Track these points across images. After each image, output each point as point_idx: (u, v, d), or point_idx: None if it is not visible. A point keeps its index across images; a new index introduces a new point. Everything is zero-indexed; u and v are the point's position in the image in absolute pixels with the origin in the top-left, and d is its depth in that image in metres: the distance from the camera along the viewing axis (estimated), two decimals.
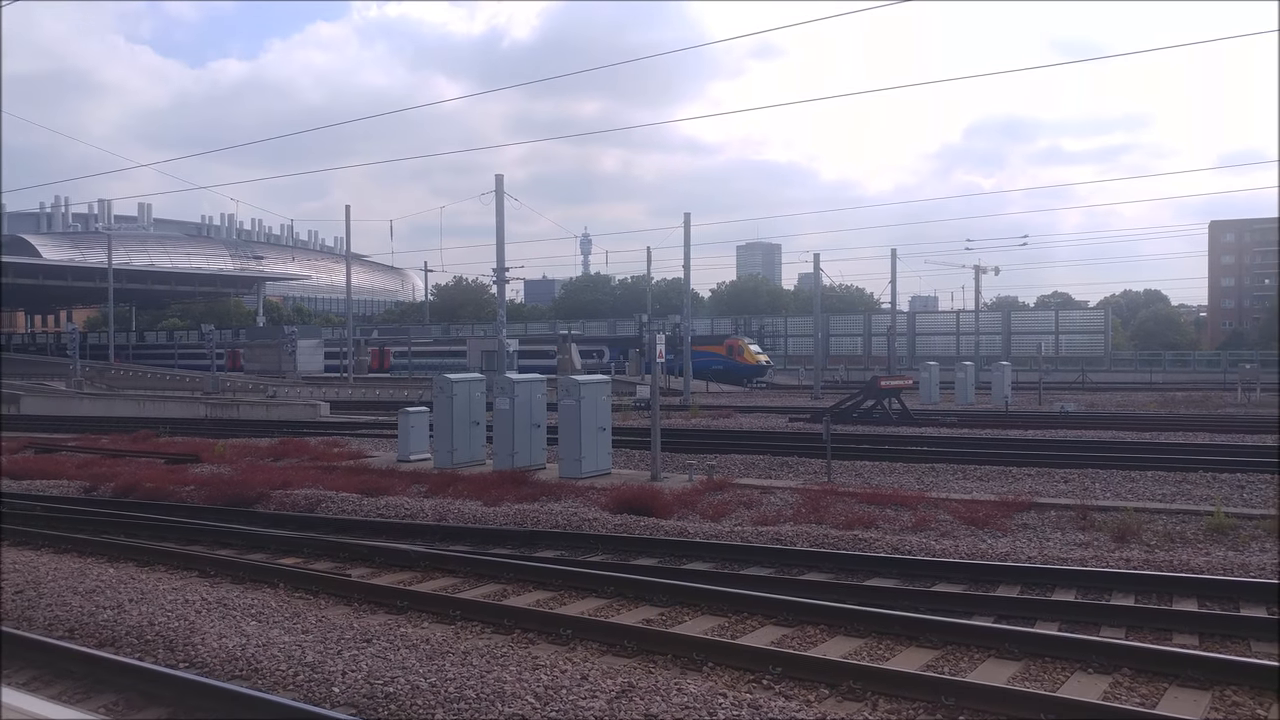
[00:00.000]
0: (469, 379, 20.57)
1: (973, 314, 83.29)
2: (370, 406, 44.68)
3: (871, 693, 6.71)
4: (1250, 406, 35.40)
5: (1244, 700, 6.57)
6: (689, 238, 45.15)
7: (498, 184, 36.18)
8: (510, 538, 12.86)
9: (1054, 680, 7.06)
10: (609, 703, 6.26)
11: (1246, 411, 33.03)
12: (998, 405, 36.25)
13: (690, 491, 15.31)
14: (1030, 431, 25.53)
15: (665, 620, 8.85)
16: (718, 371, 57.96)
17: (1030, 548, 11.35)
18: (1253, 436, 23.27)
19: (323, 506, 15.50)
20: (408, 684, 6.69)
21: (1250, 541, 11.49)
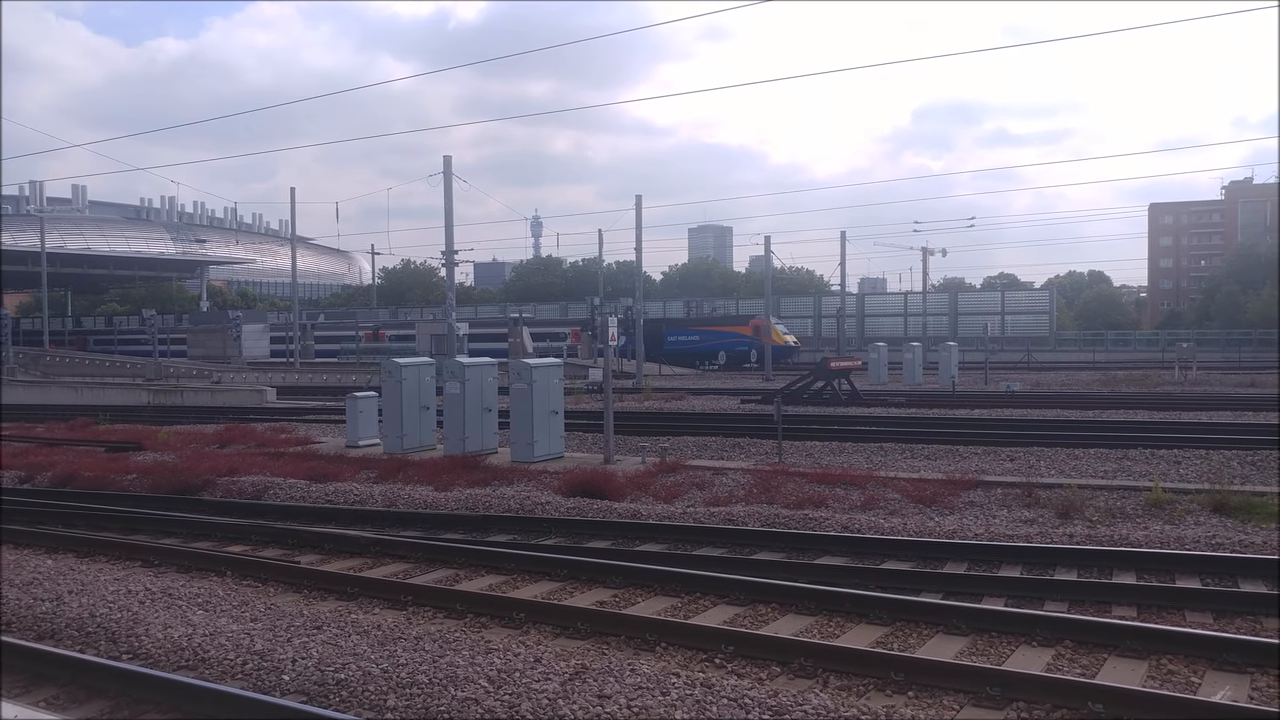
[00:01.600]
0: (418, 363, 20.38)
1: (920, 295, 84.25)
2: (317, 392, 44.13)
3: (822, 670, 6.80)
4: (1187, 384, 36.30)
5: (1179, 668, 6.76)
6: (640, 220, 45.11)
7: (446, 165, 35.82)
8: (462, 522, 12.80)
9: (1000, 654, 7.20)
10: (562, 685, 6.26)
11: (1184, 389, 33.87)
12: (945, 385, 36.78)
13: (643, 474, 15.35)
14: (977, 411, 25.95)
15: (618, 602, 8.88)
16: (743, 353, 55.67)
17: (977, 525, 11.54)
18: (1189, 413, 23.89)
19: (270, 493, 15.29)
20: (359, 670, 6.64)
21: (1186, 515, 11.80)
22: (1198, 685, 6.47)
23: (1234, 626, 7.83)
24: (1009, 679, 6.31)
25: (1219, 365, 48.76)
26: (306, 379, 52.83)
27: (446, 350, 36.14)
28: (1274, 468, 15.25)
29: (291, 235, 62.02)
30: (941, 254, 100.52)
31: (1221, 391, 32.48)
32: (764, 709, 5.81)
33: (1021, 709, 6.05)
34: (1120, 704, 5.89)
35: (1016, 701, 6.12)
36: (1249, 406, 25.65)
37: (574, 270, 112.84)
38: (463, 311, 70.55)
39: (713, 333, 61.29)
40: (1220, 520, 11.55)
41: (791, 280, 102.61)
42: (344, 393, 26.25)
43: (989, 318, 67.06)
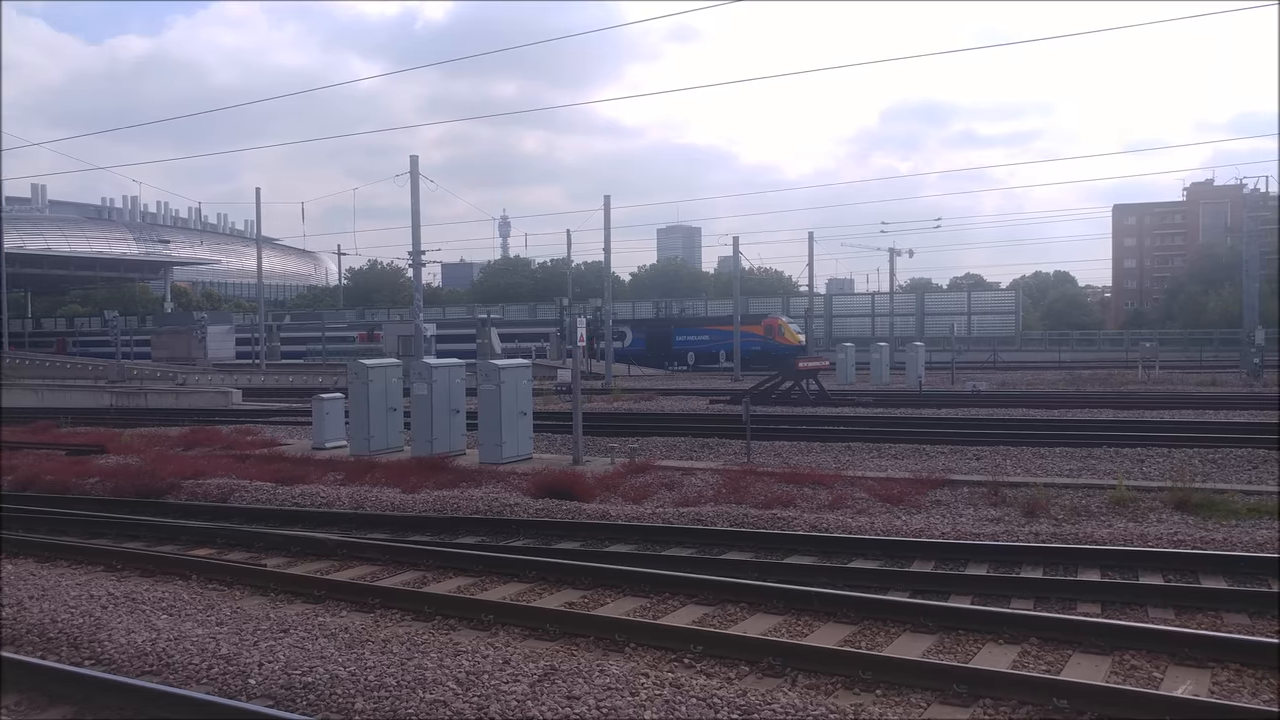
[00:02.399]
0: (385, 364, 20.26)
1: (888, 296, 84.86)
2: (284, 393, 43.73)
3: (791, 668, 6.82)
4: (1150, 383, 36.81)
5: (1141, 664, 6.85)
6: (609, 221, 45.11)
7: (413, 165, 35.63)
8: (430, 524, 12.73)
9: (967, 652, 7.26)
10: (531, 686, 6.24)
11: (1147, 388, 34.35)
12: (912, 385, 37.06)
13: (612, 474, 15.34)
14: (943, 411, 26.17)
15: (587, 603, 8.86)
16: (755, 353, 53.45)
17: (944, 524, 11.64)
18: (1152, 412, 24.23)
19: (236, 496, 15.13)
20: (326, 673, 6.58)
21: (1149, 513, 11.98)
22: (1160, 680, 6.56)
23: (1195, 622, 7.95)
24: (975, 676, 6.37)
25: (1181, 365, 49.45)
26: (273, 381, 52.33)
27: (414, 351, 35.93)
28: (1233, 465, 15.50)
29: (257, 235, 61.43)
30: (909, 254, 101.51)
31: (1184, 390, 32.97)
32: (732, 708, 5.82)
33: (987, 706, 6.10)
34: (1084, 700, 5.96)
35: (983, 699, 6.17)
36: (1210, 405, 26.07)
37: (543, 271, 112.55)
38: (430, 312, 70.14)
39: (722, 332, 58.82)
40: (1181, 517, 11.73)
41: (760, 281, 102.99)
42: (311, 394, 26.02)
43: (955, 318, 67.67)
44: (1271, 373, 38.48)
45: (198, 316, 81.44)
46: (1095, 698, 5.97)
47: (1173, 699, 5.88)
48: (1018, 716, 5.95)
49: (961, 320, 69.90)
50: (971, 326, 74.06)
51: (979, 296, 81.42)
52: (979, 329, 74.62)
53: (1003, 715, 5.98)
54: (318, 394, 22.18)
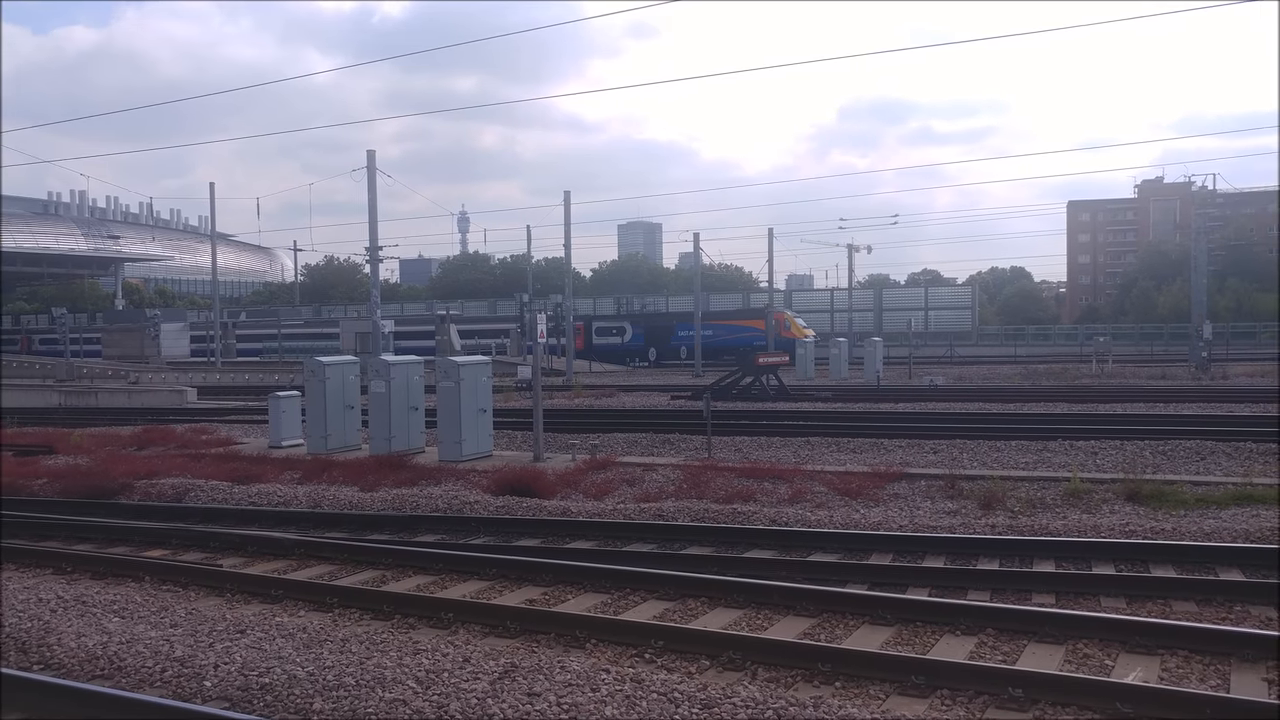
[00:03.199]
0: (342, 361, 20.06)
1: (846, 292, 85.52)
2: (240, 391, 43.17)
3: (751, 662, 6.85)
4: (1103, 377, 37.43)
5: (1093, 652, 6.97)
6: (569, 216, 45.04)
7: (369, 160, 35.31)
8: (389, 523, 12.63)
9: (924, 643, 7.34)
10: (491, 684, 6.22)
11: (1100, 382, 34.92)
12: (870, 380, 37.38)
13: (573, 471, 15.32)
14: (901, 405, 26.43)
15: (548, 600, 8.85)
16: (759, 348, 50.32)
17: (901, 516, 11.75)
18: (1105, 405, 24.63)
19: (191, 495, 14.91)
20: (284, 674, 6.51)
21: (1102, 504, 12.19)
22: (1111, 667, 6.68)
23: (1145, 610, 8.10)
24: (933, 667, 6.44)
25: (1134, 359, 50.32)
26: (229, 379, 51.63)
27: (371, 348, 35.62)
28: (1182, 457, 15.81)
29: (211, 231, 60.52)
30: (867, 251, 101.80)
31: (1135, 384, 33.55)
32: (693, 703, 5.84)
33: (945, 696, 6.17)
34: (1038, 688, 6.05)
35: (940, 689, 6.24)
36: (1161, 398, 26.56)
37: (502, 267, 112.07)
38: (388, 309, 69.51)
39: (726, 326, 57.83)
40: (1134, 508, 11.94)
41: (721, 277, 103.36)
42: (267, 392, 25.70)
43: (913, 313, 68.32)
44: (1219, 366, 39.31)
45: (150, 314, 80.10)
46: (1049, 686, 6.06)
47: (1123, 686, 5.99)
48: (974, 706, 6.03)
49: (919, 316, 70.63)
50: (929, 322, 74.82)
51: (936, 292, 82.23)
52: (936, 324, 75.38)
53: (960, 705, 6.05)
54: (274, 392, 21.90)
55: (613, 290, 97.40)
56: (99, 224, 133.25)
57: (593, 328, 63.59)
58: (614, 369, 55.26)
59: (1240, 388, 30.37)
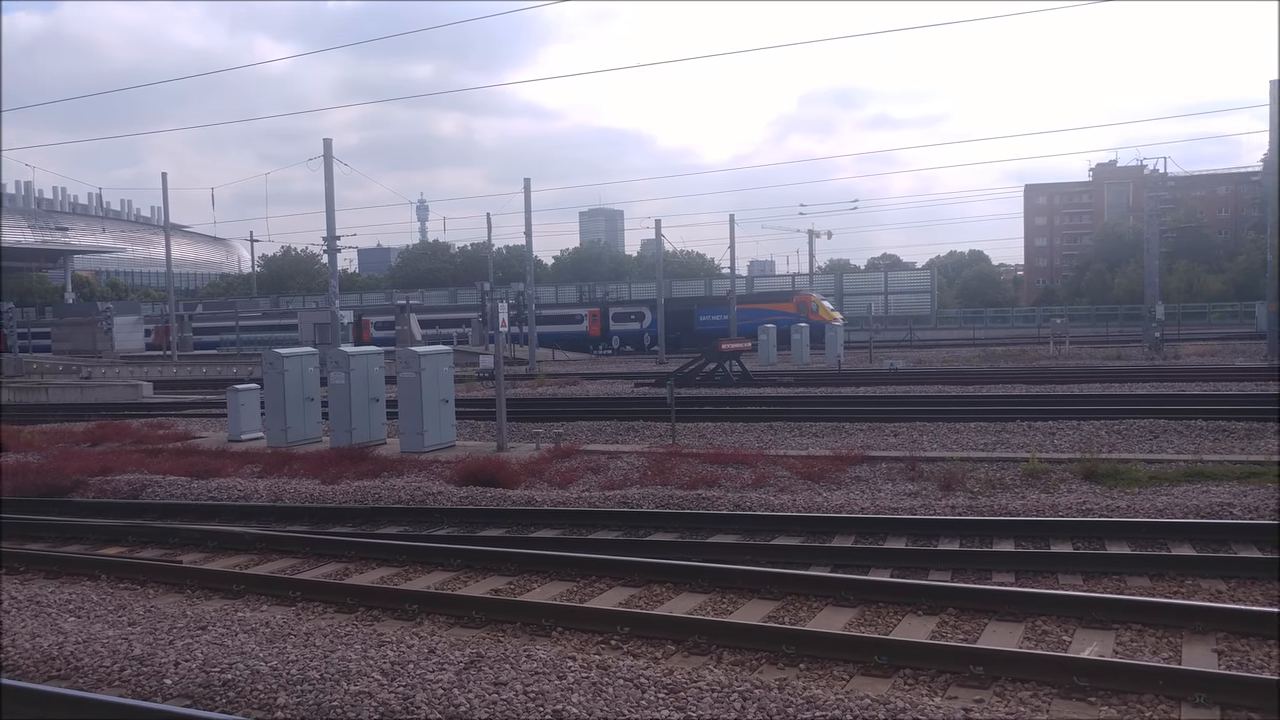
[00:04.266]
0: (301, 353, 19.85)
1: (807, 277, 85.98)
2: (198, 385, 42.56)
3: (716, 646, 6.90)
4: (1060, 358, 37.98)
5: (1052, 628, 7.10)
6: (530, 204, 44.79)
7: (326, 149, 34.86)
8: (351, 515, 12.54)
9: (887, 624, 7.42)
10: (457, 674, 6.21)
11: (1057, 363, 35.43)
12: (832, 365, 37.64)
13: (537, 460, 15.29)
14: (862, 388, 26.64)
15: (513, 589, 8.84)
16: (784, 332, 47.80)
17: (863, 499, 11.87)
18: (1062, 386, 24.99)
19: (149, 491, 14.70)
20: (247, 669, 6.45)
21: (1060, 483, 12.38)
22: (1069, 643, 6.80)
23: (1101, 587, 8.26)
24: (895, 647, 6.52)
25: (1089, 340, 51.04)
26: (185, 372, 50.88)
27: (330, 339, 35.27)
28: (1137, 436, 16.10)
29: (165, 222, 59.49)
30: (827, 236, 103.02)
31: (1092, 365, 34.08)
32: (659, 688, 5.86)
33: (907, 675, 6.26)
34: (998, 665, 6.15)
35: (903, 669, 6.32)
36: (1116, 379, 26.99)
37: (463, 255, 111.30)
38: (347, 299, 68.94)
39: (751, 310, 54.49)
40: (1090, 487, 12.15)
41: (683, 264, 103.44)
42: (225, 385, 25.38)
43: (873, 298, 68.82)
44: (1171, 346, 40.03)
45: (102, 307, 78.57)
46: (1009, 663, 6.17)
47: (1080, 660, 6.10)
48: (936, 685, 6.11)
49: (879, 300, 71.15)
50: (889, 306, 75.41)
51: (895, 276, 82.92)
52: (896, 308, 76.00)
53: (922, 684, 6.14)
54: (233, 385, 21.63)
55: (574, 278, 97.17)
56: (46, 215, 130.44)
57: (609, 313, 61.42)
58: (578, 357, 55.01)
59: (1191, 367, 30.96)
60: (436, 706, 5.72)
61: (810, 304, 54.97)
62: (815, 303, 55.65)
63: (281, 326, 65.91)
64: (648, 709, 5.58)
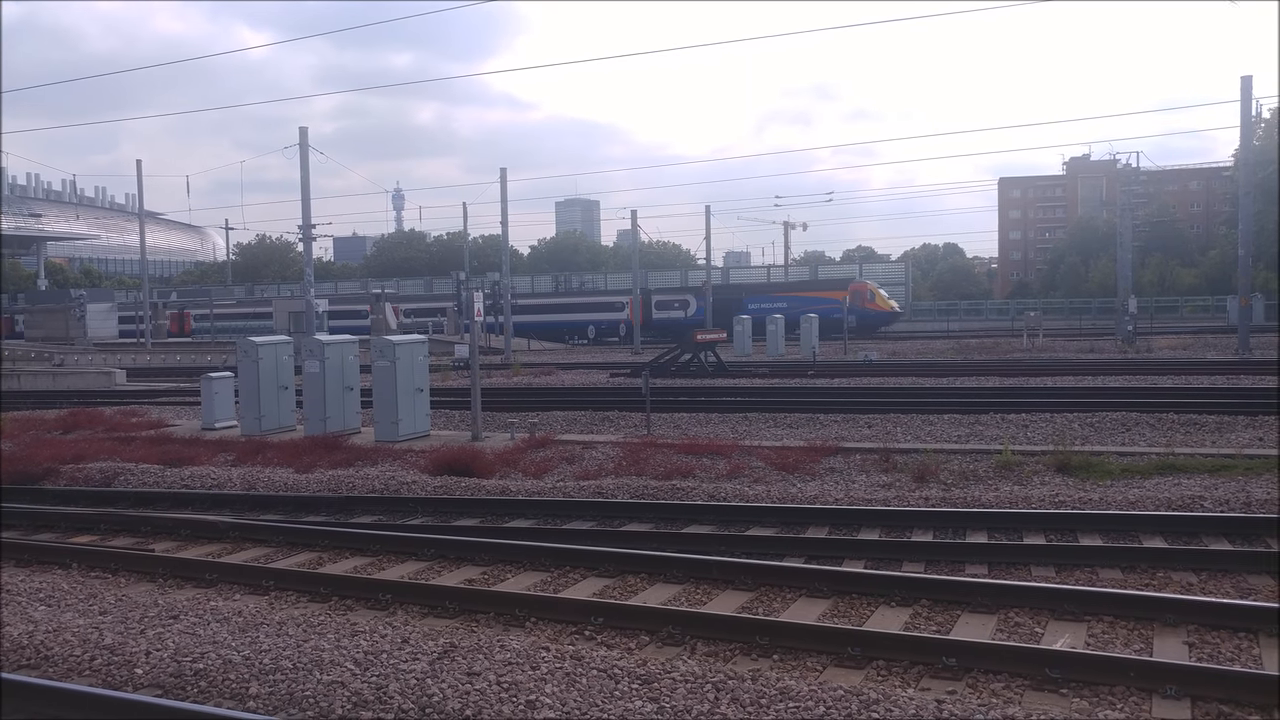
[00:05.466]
0: (275, 341, 19.70)
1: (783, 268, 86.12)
2: (171, 373, 42.18)
3: (690, 636, 6.91)
4: (1034, 351, 38.26)
5: (1024, 620, 7.15)
6: (506, 193, 44.63)
7: (302, 137, 34.60)
8: (325, 504, 12.47)
9: (860, 615, 7.46)
10: (430, 664, 6.18)
11: (1031, 356, 35.69)
12: (806, 356, 37.76)
13: (512, 450, 15.25)
14: (836, 380, 26.72)
15: (487, 579, 8.82)
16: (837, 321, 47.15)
17: (837, 490, 11.91)
18: (1035, 379, 25.17)
19: (121, 479, 14.56)
20: (219, 659, 6.40)
21: (1033, 476, 12.47)
22: (1041, 635, 6.86)
23: (1074, 578, 8.33)
24: (869, 639, 6.55)
25: (1063, 333, 51.39)
26: (159, 360, 50.40)
27: (305, 328, 35.03)
28: (1109, 429, 16.24)
29: (139, 209, 58.86)
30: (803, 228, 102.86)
31: (1065, 357, 34.36)
32: (633, 678, 5.87)
33: (880, 667, 6.29)
34: (971, 656, 6.19)
35: (876, 660, 6.36)
36: (1089, 371, 27.21)
37: (438, 244, 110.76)
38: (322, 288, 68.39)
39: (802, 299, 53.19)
40: (1063, 479, 12.25)
41: (659, 255, 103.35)
42: (199, 374, 25.16)
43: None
44: (1143, 339, 40.40)
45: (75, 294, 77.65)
46: (982, 654, 6.21)
47: (1052, 652, 6.16)
48: (909, 676, 6.15)
49: None
50: None
51: (870, 268, 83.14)
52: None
53: (895, 675, 6.17)
54: (206, 373, 21.44)
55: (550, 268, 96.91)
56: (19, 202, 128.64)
57: (652, 301, 59.49)
58: (553, 346, 54.87)
59: (1163, 360, 31.28)
60: (409, 696, 5.70)
61: (866, 292, 53.13)
62: (871, 290, 53.65)
63: (256, 315, 65.38)
64: (621, 700, 5.58)
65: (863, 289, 53.91)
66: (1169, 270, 78.99)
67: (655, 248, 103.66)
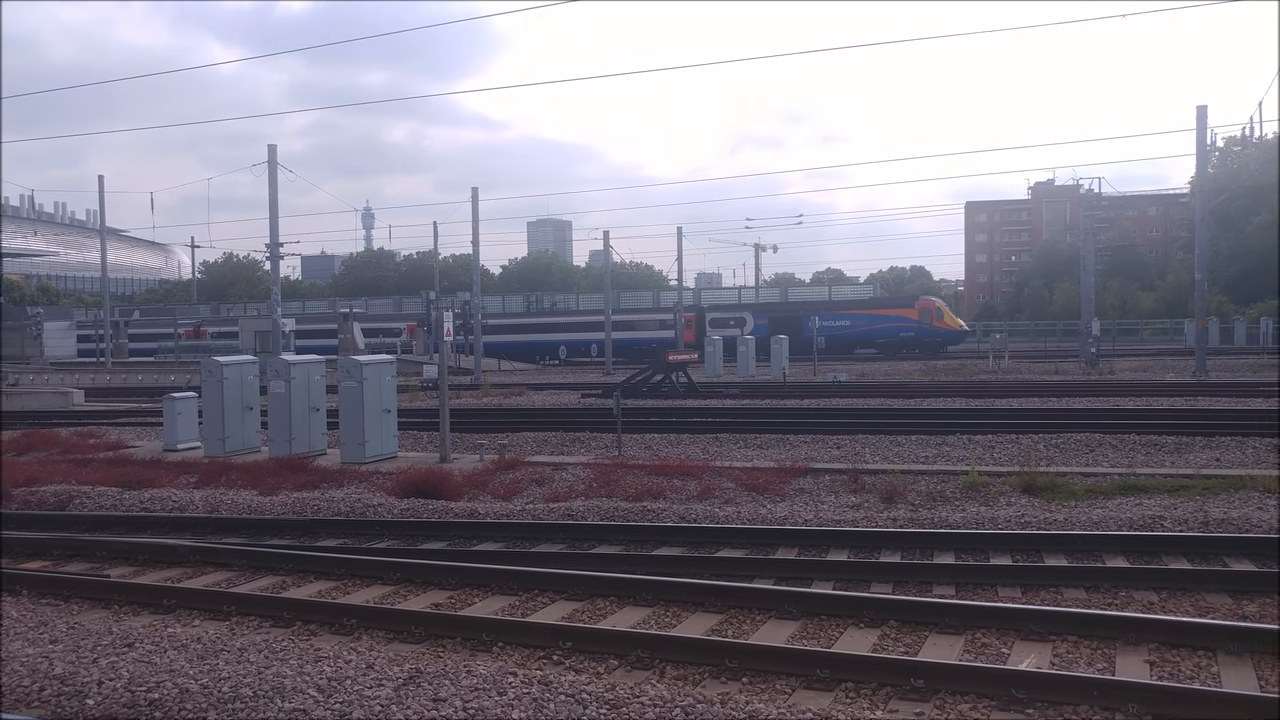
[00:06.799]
0: (240, 361, 19.49)
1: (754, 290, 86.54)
2: (133, 393, 41.58)
3: (659, 660, 6.85)
4: (1000, 373, 38.63)
5: (991, 641, 7.16)
6: (477, 212, 44.54)
7: (270, 155, 34.39)
8: (289, 527, 12.28)
9: (829, 636, 7.43)
10: (396, 690, 6.08)
11: (997, 378, 36.03)
12: (776, 377, 37.89)
13: (481, 471, 15.14)
14: (806, 401, 26.81)
15: (454, 603, 8.71)
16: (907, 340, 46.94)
17: (807, 511, 11.91)
18: (1001, 400, 25.40)
19: (76, 503, 14.27)
20: (175, 688, 6.26)
21: (999, 496, 12.55)
22: (1007, 655, 6.87)
23: (1039, 599, 8.37)
24: (837, 660, 6.52)
25: (1028, 355, 51.85)
26: (120, 380, 49.66)
27: (272, 347, 34.69)
28: (1074, 450, 16.39)
29: (101, 225, 58.13)
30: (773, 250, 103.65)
31: (1030, 379, 34.71)
32: (601, 703, 5.80)
33: (849, 689, 6.26)
34: (939, 678, 6.18)
35: (845, 682, 6.33)
36: (1054, 393, 27.51)
37: (408, 264, 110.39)
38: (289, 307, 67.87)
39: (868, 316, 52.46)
40: (1029, 500, 12.33)
41: (631, 275, 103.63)
42: (162, 394, 24.81)
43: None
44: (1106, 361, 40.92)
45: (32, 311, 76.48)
46: (949, 676, 6.20)
47: (1018, 672, 6.16)
48: (878, 698, 6.12)
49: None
50: None
51: (839, 290, 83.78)
52: None
53: (863, 697, 6.15)
54: (169, 393, 21.15)
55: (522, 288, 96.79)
56: None
57: (706, 319, 57.36)
58: (524, 367, 54.68)
59: (1125, 381, 31.68)
60: None
61: (934, 310, 52.02)
62: (939, 308, 52.64)
63: (222, 334, 64.69)
64: None
65: (931, 306, 52.68)
66: (1129, 294, 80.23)
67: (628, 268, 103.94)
